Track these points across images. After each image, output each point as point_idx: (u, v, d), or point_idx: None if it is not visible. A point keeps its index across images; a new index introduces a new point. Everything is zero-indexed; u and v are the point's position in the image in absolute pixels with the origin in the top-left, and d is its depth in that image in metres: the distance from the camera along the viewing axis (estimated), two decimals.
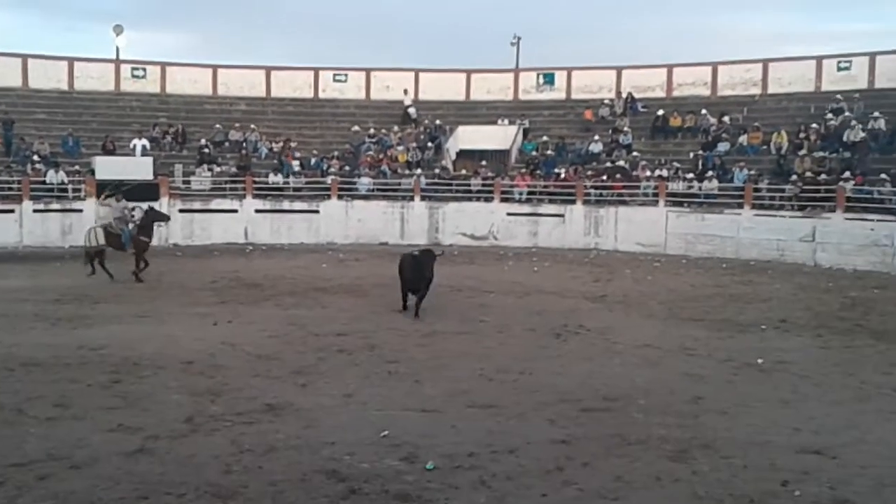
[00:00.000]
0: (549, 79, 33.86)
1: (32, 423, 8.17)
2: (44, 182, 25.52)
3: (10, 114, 28.77)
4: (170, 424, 8.16)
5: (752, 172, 25.65)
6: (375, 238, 26.56)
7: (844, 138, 25.75)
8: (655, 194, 26.00)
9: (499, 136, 31.24)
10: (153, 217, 19.31)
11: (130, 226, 18.82)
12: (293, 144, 30.16)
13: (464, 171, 29.48)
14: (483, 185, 27.88)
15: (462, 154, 31.25)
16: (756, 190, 24.77)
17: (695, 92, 31.86)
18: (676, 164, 27.39)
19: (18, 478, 6.70)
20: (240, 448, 7.50)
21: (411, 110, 32.80)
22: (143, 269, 18.27)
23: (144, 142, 28.38)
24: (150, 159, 26.91)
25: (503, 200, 27.35)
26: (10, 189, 25.21)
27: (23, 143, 27.49)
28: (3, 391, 9.29)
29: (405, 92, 33.45)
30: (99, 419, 8.32)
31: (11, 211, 24.68)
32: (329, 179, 27.87)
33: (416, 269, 14.40)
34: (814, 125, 26.94)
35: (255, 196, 27.16)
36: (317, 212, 27.03)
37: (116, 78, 32.50)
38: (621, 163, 28.17)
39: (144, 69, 32.94)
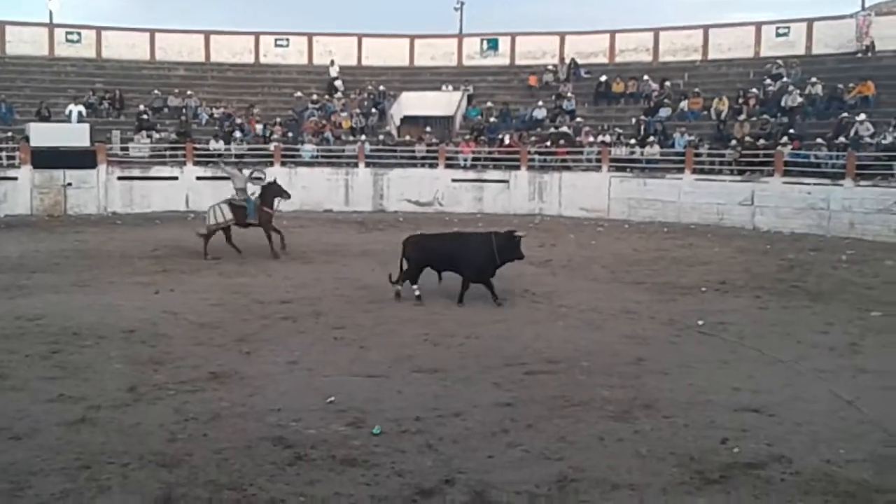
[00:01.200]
0: (493, 44, 33.75)
1: None
2: None
3: None
4: (112, 394, 8.05)
5: (693, 138, 25.94)
6: (320, 205, 26.33)
7: (782, 103, 26.14)
8: (598, 160, 26.18)
9: (443, 103, 31.11)
10: (275, 192, 18.19)
11: (253, 197, 17.92)
12: (255, 111, 29.67)
13: (408, 138, 29.33)
14: (428, 151, 27.78)
15: (406, 120, 31.09)
16: (697, 155, 25.09)
17: (637, 58, 32.02)
18: (619, 130, 27.57)
19: None
20: (184, 416, 7.44)
21: (338, 83, 32.32)
22: (281, 243, 17.56)
23: (80, 108, 27.64)
24: (86, 126, 26.22)
25: (448, 167, 27.31)
26: None
27: None
28: None
29: (331, 63, 32.96)
30: (39, 389, 8.18)
31: None
32: (272, 146, 27.52)
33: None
34: (753, 90, 27.30)
35: (196, 163, 26.71)
36: (261, 178, 26.70)
37: (50, 42, 31.57)
38: (565, 128, 28.26)
39: (79, 33, 32.05)
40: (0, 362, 9.14)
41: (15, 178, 24.48)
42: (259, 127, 28.67)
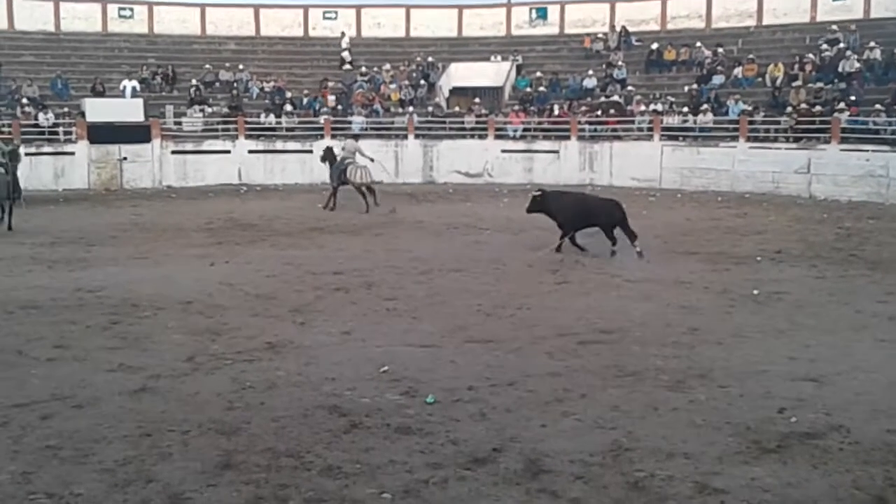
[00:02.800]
0: (542, 13, 33.43)
1: (33, 365, 8.18)
2: (35, 125, 25.30)
3: None
4: (171, 364, 8.20)
5: (748, 105, 25.50)
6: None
7: (840, 69, 25.55)
8: (650, 129, 25.89)
9: (492, 73, 30.95)
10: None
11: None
12: (330, 84, 29.90)
13: (457, 109, 29.27)
14: (477, 122, 27.71)
15: (455, 91, 30.99)
16: (751, 122, 24.67)
17: (689, 25, 31.50)
18: (671, 98, 27.20)
19: (22, 418, 6.73)
20: (241, 385, 7.55)
21: (345, 54, 32.23)
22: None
23: (134, 83, 28.11)
24: (140, 101, 26.68)
25: (497, 138, 27.23)
26: (1, 133, 24.97)
27: (12, 84, 27.18)
28: (3, 333, 9.31)
29: (342, 34, 32.84)
30: (100, 360, 8.35)
31: None
32: (322, 119, 27.66)
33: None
34: (809, 56, 26.70)
35: (248, 137, 26.97)
36: (310, 152, 26.88)
37: (104, 18, 32.02)
38: (615, 98, 27.96)
39: (132, 9, 32.46)
40: (62, 333, 9.34)
41: (72, 153, 25.02)
42: (332, 99, 28.81)
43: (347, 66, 31.35)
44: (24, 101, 26.17)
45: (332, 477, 5.67)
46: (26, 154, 24.26)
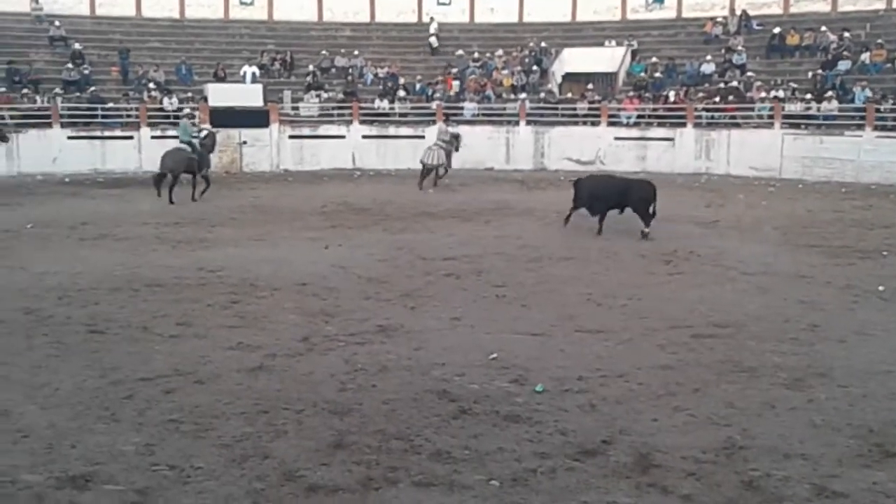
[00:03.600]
0: None
1: (158, 341, 8.56)
2: (160, 109, 26.32)
3: (125, 42, 29.66)
4: (287, 343, 8.44)
5: (875, 93, 24.36)
6: (481, 163, 26.46)
7: None
8: (771, 116, 25.03)
9: (606, 59, 30.44)
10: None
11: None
12: (454, 70, 30.14)
13: (569, 95, 28.95)
14: (589, 108, 27.35)
15: (568, 77, 30.64)
16: (878, 110, 23.55)
17: (814, 8, 30.27)
18: (793, 85, 26.22)
19: (147, 391, 7.05)
20: (354, 367, 7.71)
21: (432, 39, 32.16)
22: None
23: (254, 69, 28.88)
24: (259, 86, 27.37)
25: (610, 124, 26.81)
26: (129, 116, 26.12)
27: (139, 69, 28.34)
28: (129, 310, 9.75)
29: (431, 19, 32.77)
30: (220, 337, 8.67)
31: (130, 137, 25.62)
32: (434, 105, 27.83)
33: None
34: None
35: (362, 122, 27.39)
36: (422, 137, 27.08)
37: (225, 5, 32.96)
38: (734, 84, 27.14)
39: None
40: (184, 311, 9.71)
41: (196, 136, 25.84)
42: (456, 84, 29.04)
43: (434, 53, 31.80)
44: (151, 85, 27.23)
45: (441, 461, 5.75)
46: (151, 137, 25.37)
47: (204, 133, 21.04)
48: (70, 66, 27.67)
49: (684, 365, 7.83)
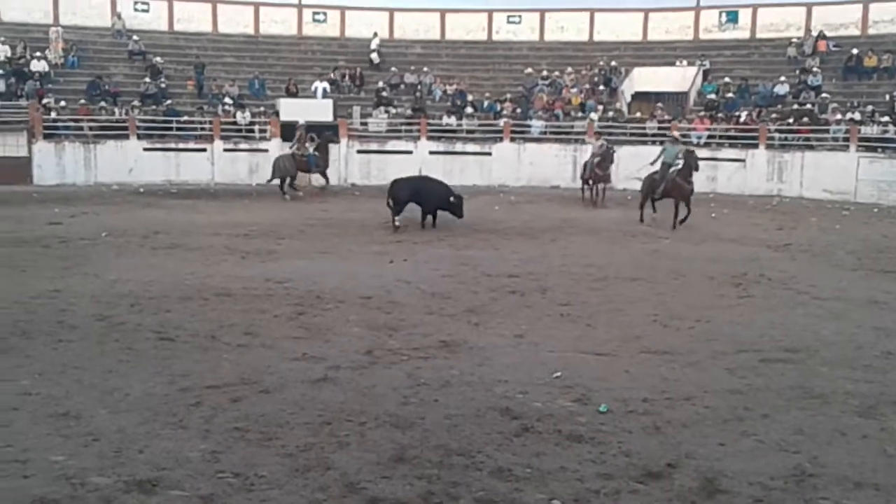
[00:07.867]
0: (733, 17, 32.30)
1: (225, 350, 8.67)
2: (233, 123, 26.88)
3: (201, 57, 30.39)
4: (350, 356, 8.48)
5: None
6: (547, 181, 26.42)
7: None
8: (846, 139, 24.47)
9: (676, 78, 30.20)
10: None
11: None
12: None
13: (639, 114, 28.72)
14: (659, 128, 27.08)
15: (637, 96, 30.44)
16: None
17: (892, 30, 29.56)
18: (870, 107, 25.62)
19: (214, 399, 7.14)
20: (416, 381, 7.71)
21: (374, 55, 32.10)
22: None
23: (325, 84, 29.32)
24: (330, 102, 27.81)
25: None
26: (203, 129, 26.72)
27: (214, 84, 29.00)
28: (198, 319, 9.91)
29: (374, 35, 32.76)
30: (285, 348, 8.75)
31: (204, 150, 26.22)
32: (501, 122, 27.86)
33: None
34: None
35: (430, 138, 27.55)
36: (489, 154, 27.16)
37: (299, 22, 33.60)
38: (808, 105, 26.62)
39: (325, 13, 33.89)
40: (252, 321, 9.83)
41: (266, 150, 26.35)
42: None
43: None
44: (226, 99, 27.83)
45: (502, 479, 5.70)
46: (224, 150, 25.90)
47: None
48: (148, 79, 28.48)
49: (753, 390, 7.65)
